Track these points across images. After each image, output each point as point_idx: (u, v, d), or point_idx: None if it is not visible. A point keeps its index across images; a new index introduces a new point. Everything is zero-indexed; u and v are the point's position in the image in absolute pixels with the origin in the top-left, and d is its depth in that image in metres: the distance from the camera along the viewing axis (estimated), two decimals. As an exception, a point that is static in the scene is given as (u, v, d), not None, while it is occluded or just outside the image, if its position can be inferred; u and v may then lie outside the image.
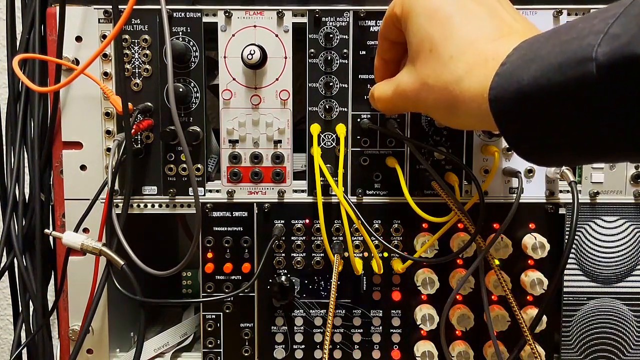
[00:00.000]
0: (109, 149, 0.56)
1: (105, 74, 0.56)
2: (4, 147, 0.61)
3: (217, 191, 0.58)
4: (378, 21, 0.55)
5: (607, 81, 0.29)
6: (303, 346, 0.59)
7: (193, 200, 0.56)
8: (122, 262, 0.52)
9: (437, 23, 0.41)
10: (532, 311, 0.56)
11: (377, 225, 0.58)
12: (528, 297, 0.57)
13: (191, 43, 0.56)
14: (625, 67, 0.28)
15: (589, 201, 0.57)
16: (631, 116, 0.29)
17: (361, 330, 0.59)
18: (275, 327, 0.59)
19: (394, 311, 0.58)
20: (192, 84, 0.56)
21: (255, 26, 0.55)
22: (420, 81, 0.43)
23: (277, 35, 0.55)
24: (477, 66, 0.38)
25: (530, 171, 0.57)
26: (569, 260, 0.57)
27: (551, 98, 0.32)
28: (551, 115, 0.33)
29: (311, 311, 0.59)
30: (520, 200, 0.52)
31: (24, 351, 0.61)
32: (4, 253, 0.59)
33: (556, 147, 0.35)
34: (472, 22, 0.41)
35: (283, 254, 0.58)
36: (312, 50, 0.56)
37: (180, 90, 0.55)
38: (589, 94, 0.30)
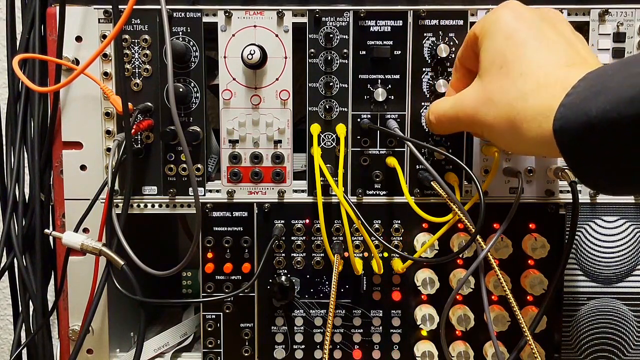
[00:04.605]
0: (109, 149, 0.56)
1: (105, 74, 0.56)
2: (4, 147, 0.61)
3: (217, 191, 0.58)
4: (378, 21, 0.55)
5: None
6: (303, 346, 0.59)
7: (193, 200, 0.56)
8: (122, 262, 0.52)
9: (512, 43, 0.42)
10: (532, 311, 0.57)
11: (377, 225, 0.58)
12: (528, 297, 0.57)
13: (191, 43, 0.56)
14: None
15: (589, 201, 0.57)
16: None
17: (361, 330, 0.59)
18: (275, 327, 0.59)
19: (394, 311, 0.58)
20: (192, 84, 0.56)
21: (255, 26, 0.55)
22: (485, 97, 0.43)
23: (277, 35, 0.55)
24: (545, 86, 0.38)
25: (530, 171, 0.57)
26: (569, 260, 0.57)
27: (622, 131, 0.32)
28: (622, 148, 0.33)
29: (311, 311, 0.59)
30: (520, 200, 0.52)
31: (24, 351, 0.61)
32: (4, 253, 0.59)
33: (627, 178, 0.35)
34: (548, 47, 0.41)
35: (283, 254, 0.58)
36: (312, 50, 0.56)
37: (180, 90, 0.55)
38: None
